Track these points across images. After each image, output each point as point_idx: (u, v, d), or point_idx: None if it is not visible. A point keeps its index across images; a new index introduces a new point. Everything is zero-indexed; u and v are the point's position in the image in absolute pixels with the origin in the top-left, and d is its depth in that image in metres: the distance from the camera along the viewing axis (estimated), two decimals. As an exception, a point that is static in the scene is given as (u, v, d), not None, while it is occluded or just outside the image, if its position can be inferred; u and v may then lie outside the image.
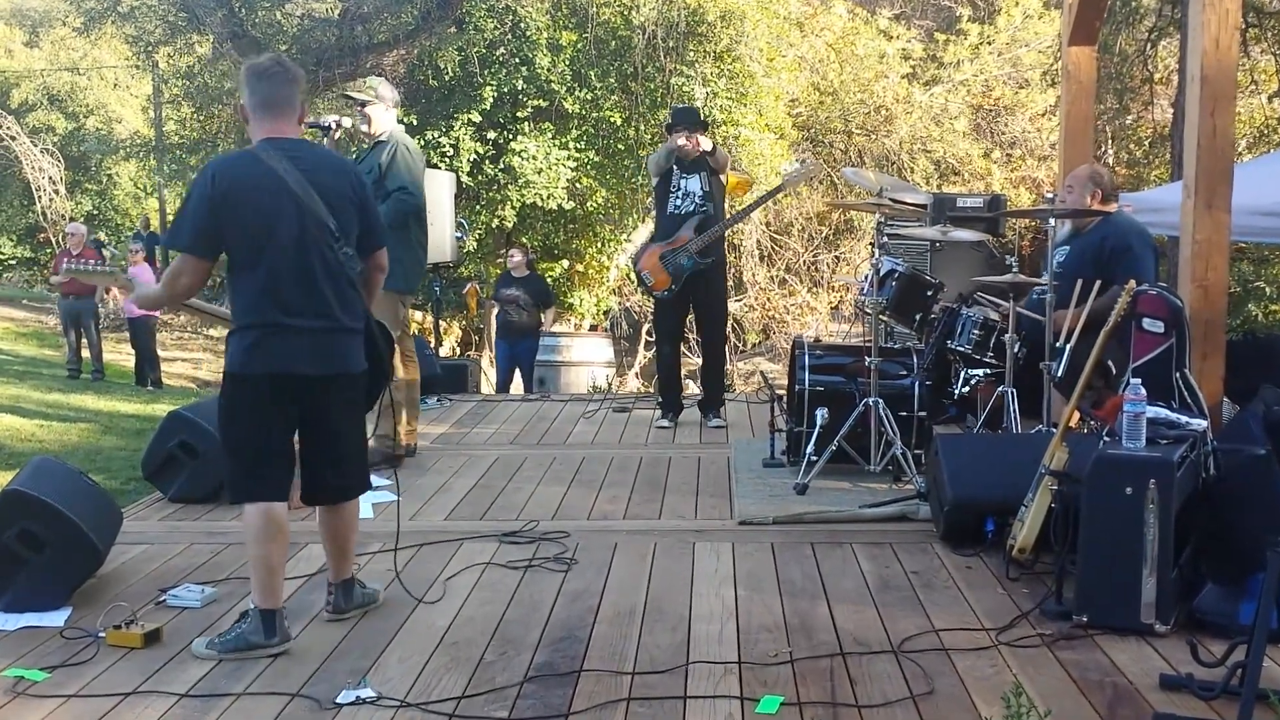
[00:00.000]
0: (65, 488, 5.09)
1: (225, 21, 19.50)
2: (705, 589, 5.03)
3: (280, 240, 4.32)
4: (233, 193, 4.26)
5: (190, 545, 5.80)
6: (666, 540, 5.77)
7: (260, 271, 4.32)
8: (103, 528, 5.10)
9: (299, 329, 4.38)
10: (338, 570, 4.75)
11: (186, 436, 6.52)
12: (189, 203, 4.30)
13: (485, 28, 19.39)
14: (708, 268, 8.52)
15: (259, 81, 4.47)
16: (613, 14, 19.76)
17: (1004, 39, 25.14)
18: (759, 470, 7.16)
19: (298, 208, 4.36)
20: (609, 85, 19.57)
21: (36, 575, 4.80)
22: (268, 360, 4.36)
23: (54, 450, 10.54)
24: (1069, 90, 7.56)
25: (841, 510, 6.12)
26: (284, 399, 4.43)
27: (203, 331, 21.29)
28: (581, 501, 6.60)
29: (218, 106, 19.56)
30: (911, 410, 6.74)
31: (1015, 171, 25.47)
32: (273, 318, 4.34)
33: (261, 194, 4.30)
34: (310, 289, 4.39)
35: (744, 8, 19.80)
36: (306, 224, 4.38)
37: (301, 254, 4.37)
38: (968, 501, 5.46)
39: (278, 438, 4.49)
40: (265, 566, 4.43)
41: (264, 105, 4.45)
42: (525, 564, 5.41)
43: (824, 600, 4.88)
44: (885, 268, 6.61)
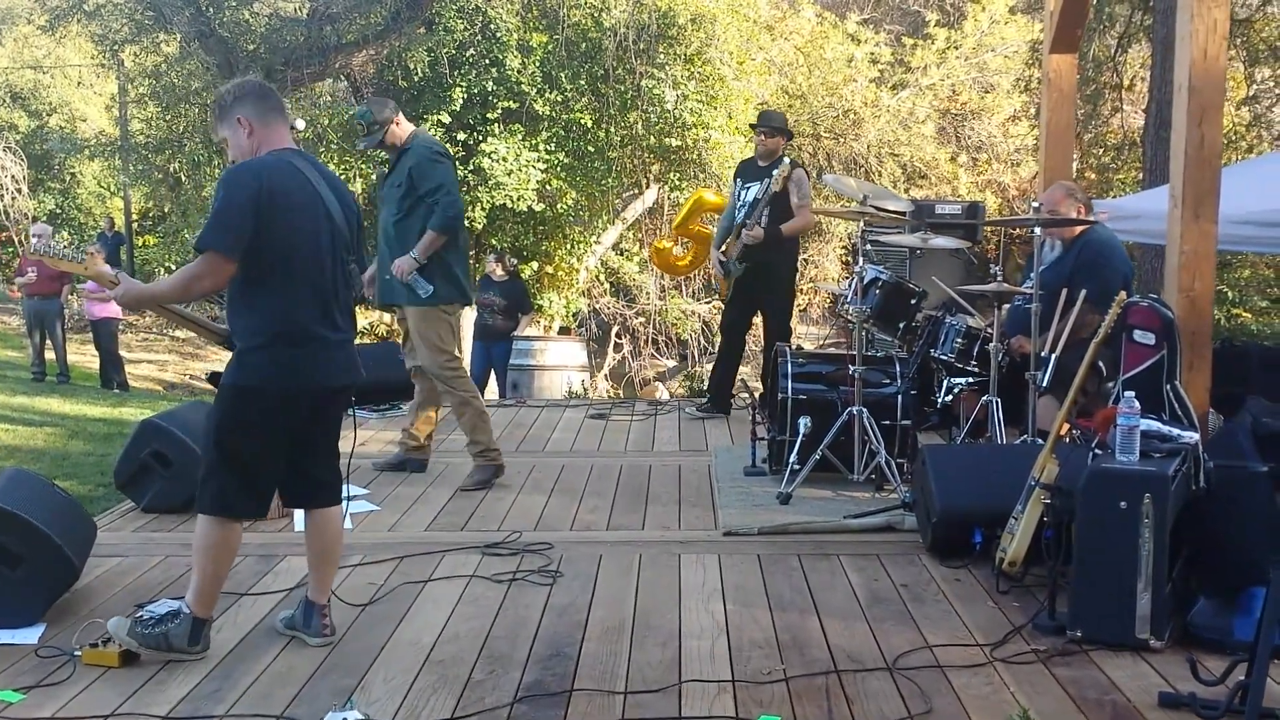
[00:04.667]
0: (39, 501, 4.97)
1: (193, 20, 19.27)
2: (694, 603, 4.97)
3: (312, 250, 4.27)
4: (278, 198, 4.17)
5: (166, 558, 5.68)
6: (651, 551, 5.70)
7: (289, 282, 4.23)
8: (77, 541, 4.99)
9: (326, 340, 4.33)
10: (325, 588, 4.64)
11: (160, 446, 6.41)
12: (232, 203, 4.12)
13: (455, 28, 19.28)
14: (755, 270, 8.60)
15: (262, 97, 4.40)
16: (583, 16, 19.68)
17: (971, 44, 25.17)
18: (740, 479, 7.10)
19: (329, 219, 4.34)
20: (579, 87, 19.51)
21: (9, 591, 4.68)
22: (294, 374, 4.28)
23: (21, 455, 10.38)
24: (1050, 98, 7.54)
25: (827, 521, 6.07)
26: (298, 412, 4.35)
27: (168, 333, 21.07)
28: (563, 511, 6.53)
29: (184, 106, 19.34)
30: (894, 419, 6.69)
31: (982, 175, 25.54)
32: (304, 329, 4.26)
33: (301, 202, 4.25)
34: (335, 300, 4.37)
35: (714, 10, 19.75)
36: (335, 235, 4.37)
37: (331, 265, 4.35)
38: (956, 513, 5.42)
39: (281, 454, 4.40)
40: (214, 578, 4.39)
41: (269, 118, 4.34)
42: (510, 577, 5.32)
43: (814, 614, 4.82)
44: (869, 275, 6.56)
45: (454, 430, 8.56)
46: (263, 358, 4.24)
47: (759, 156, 8.82)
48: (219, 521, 4.35)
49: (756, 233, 8.41)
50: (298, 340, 4.26)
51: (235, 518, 4.39)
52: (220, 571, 4.41)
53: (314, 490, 4.62)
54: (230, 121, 4.35)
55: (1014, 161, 25.46)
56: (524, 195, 18.53)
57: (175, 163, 19.35)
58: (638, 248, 22.17)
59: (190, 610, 4.37)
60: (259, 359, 4.24)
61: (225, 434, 4.31)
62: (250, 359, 4.25)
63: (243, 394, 4.27)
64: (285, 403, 4.32)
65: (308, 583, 4.68)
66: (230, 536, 4.39)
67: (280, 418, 4.33)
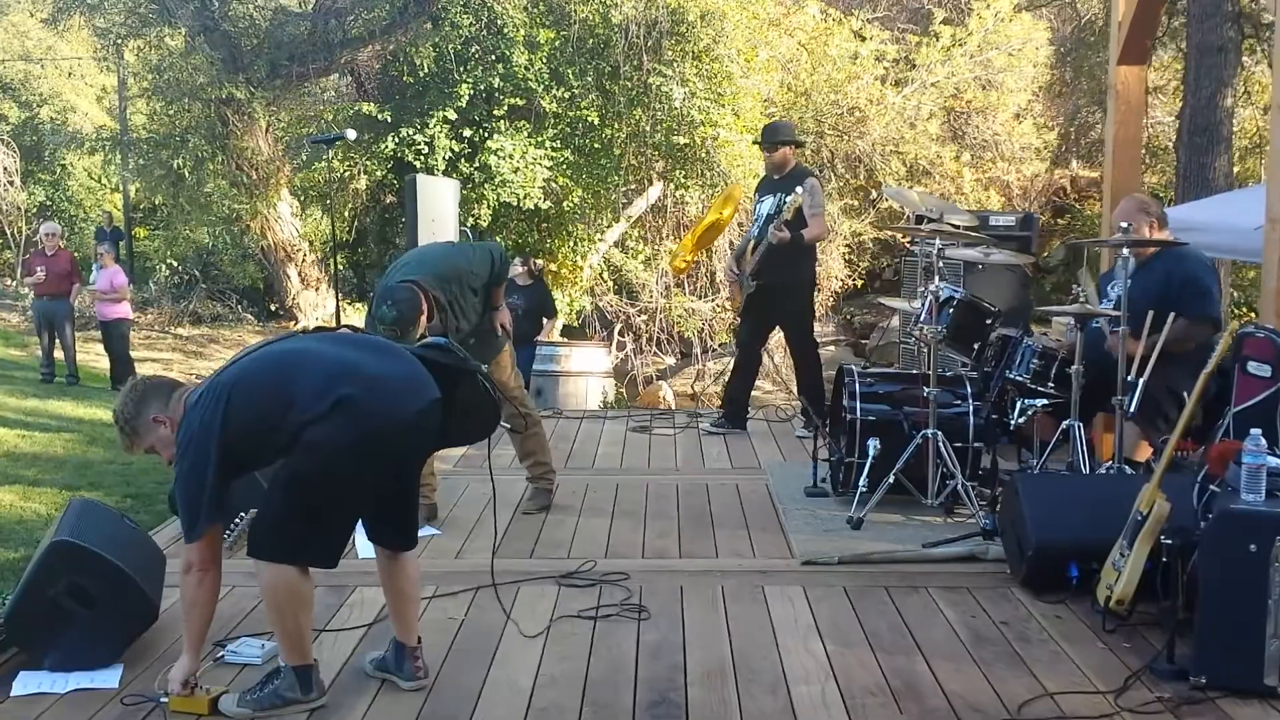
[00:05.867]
0: (111, 535, 4.78)
1: (197, 15, 19.07)
2: (791, 642, 4.80)
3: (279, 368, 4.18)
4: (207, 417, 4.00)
5: (233, 588, 5.48)
6: (732, 583, 5.53)
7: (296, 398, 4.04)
8: (153, 578, 4.81)
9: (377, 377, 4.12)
10: (412, 629, 4.45)
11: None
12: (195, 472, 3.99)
13: (462, 24, 19.10)
14: (769, 290, 8.58)
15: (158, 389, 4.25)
16: (591, 11, 19.47)
17: (976, 41, 25.02)
18: (803, 500, 6.94)
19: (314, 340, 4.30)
20: (586, 84, 19.32)
21: (86, 633, 4.49)
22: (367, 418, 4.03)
23: (42, 463, 10.17)
24: (1118, 111, 7.37)
25: (908, 550, 5.90)
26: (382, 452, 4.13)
27: (171, 331, 20.81)
28: (630, 536, 6.35)
29: (188, 101, 19.09)
30: (966, 441, 6.52)
31: (986, 173, 25.41)
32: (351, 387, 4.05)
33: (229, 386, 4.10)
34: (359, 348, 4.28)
35: (724, 7, 19.57)
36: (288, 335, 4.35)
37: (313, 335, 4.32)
38: (1052, 546, 5.26)
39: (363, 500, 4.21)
40: (298, 630, 4.18)
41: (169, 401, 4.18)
42: (594, 611, 5.15)
43: (920, 656, 4.65)
44: (945, 294, 6.39)
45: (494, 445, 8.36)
46: (331, 428, 3.97)
47: (770, 170, 8.73)
48: (285, 570, 4.11)
49: (784, 234, 8.31)
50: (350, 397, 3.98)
51: (300, 564, 4.15)
52: (303, 621, 4.19)
53: (394, 533, 4.43)
54: (147, 429, 4.15)
55: (1019, 160, 25.34)
56: (530, 193, 18.35)
57: (180, 158, 19.09)
58: (642, 245, 21.99)
59: (288, 665, 4.18)
60: (329, 430, 3.97)
61: (306, 487, 4.05)
62: (321, 432, 3.97)
63: (324, 450, 4.00)
64: (365, 454, 4.06)
65: (392, 624, 4.49)
66: (305, 586, 4.15)
67: (362, 468, 4.08)
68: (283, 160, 20.63)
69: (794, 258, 8.42)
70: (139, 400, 4.16)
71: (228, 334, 20.99)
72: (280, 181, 20.26)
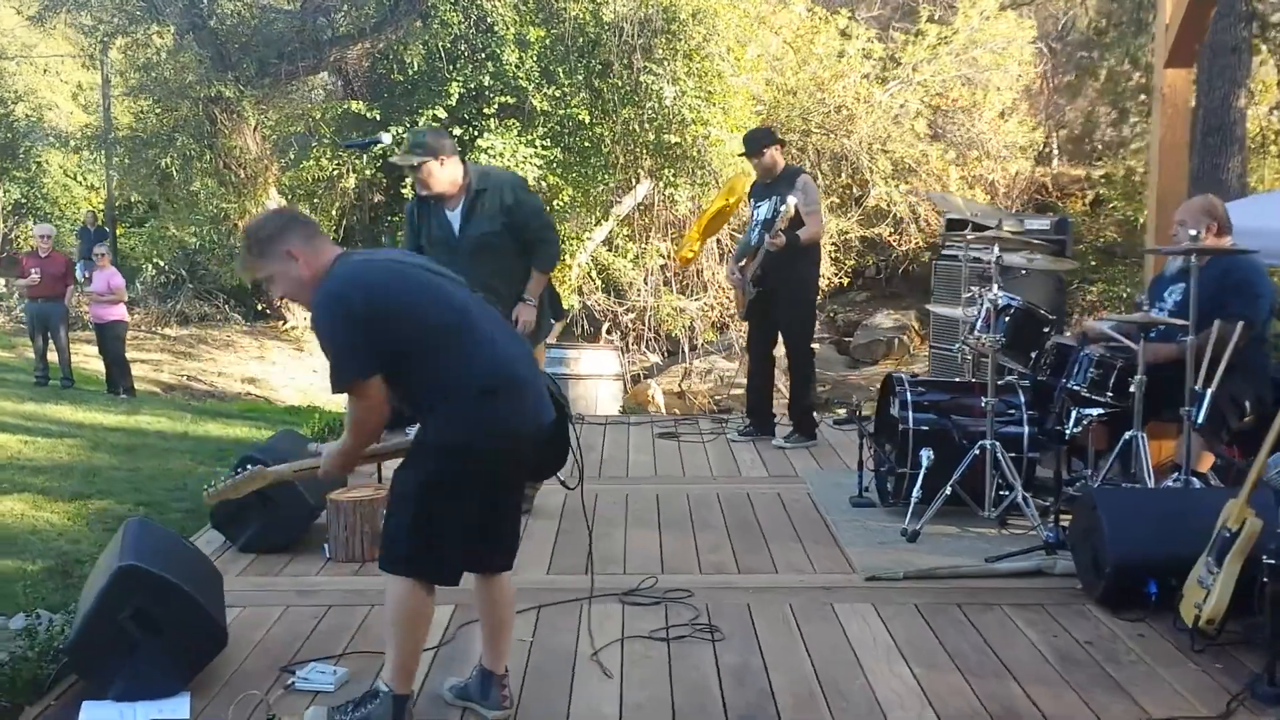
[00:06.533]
0: (174, 556, 4.61)
1: (185, 12, 18.80)
2: (875, 664, 4.67)
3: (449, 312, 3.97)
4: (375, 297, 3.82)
5: (287, 608, 5.32)
6: (799, 600, 5.40)
7: (451, 353, 3.91)
8: (216, 601, 4.63)
9: (523, 383, 4.04)
10: (502, 656, 4.30)
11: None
12: (336, 334, 3.79)
13: (451, 21, 18.93)
14: (771, 292, 8.48)
15: (304, 223, 4.04)
16: (581, 10, 19.31)
17: (961, 40, 24.99)
18: (850, 511, 6.82)
19: (439, 275, 4.09)
20: (576, 82, 19.17)
21: (152, 660, 4.31)
22: (500, 426, 3.96)
23: (50, 472, 9.95)
24: (1164, 114, 7.26)
25: (972, 565, 5.78)
26: (501, 466, 4.05)
27: (159, 332, 20.53)
28: (682, 549, 6.21)
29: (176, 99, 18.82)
30: (1021, 451, 6.41)
31: (971, 172, 25.39)
32: (494, 381, 3.94)
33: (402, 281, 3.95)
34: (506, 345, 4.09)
35: (716, 5, 19.45)
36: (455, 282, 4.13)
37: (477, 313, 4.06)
38: (1132, 563, 5.14)
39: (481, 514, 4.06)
40: (414, 651, 4.07)
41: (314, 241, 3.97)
42: (665, 632, 5.00)
43: (1011, 679, 4.53)
44: (1003, 301, 6.26)
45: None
46: (468, 416, 3.89)
47: (761, 175, 8.63)
48: (410, 586, 3.99)
49: (779, 240, 8.21)
50: (497, 392, 3.92)
51: (435, 583, 4.03)
52: (420, 641, 4.10)
53: (494, 554, 4.27)
54: (276, 255, 3.94)
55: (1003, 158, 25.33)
56: (519, 191, 18.15)
57: (167, 157, 18.83)
58: (629, 244, 21.85)
59: (390, 688, 4.03)
60: (465, 418, 3.89)
61: (437, 494, 3.93)
62: (456, 418, 3.89)
63: (452, 453, 3.91)
64: (496, 458, 3.98)
65: (483, 649, 4.33)
66: (428, 604, 4.04)
67: (489, 475, 4.00)
68: (270, 159, 20.39)
69: (793, 259, 8.31)
70: (282, 225, 3.98)
71: (216, 334, 20.72)
72: (268, 180, 20.02)
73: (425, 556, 3.96)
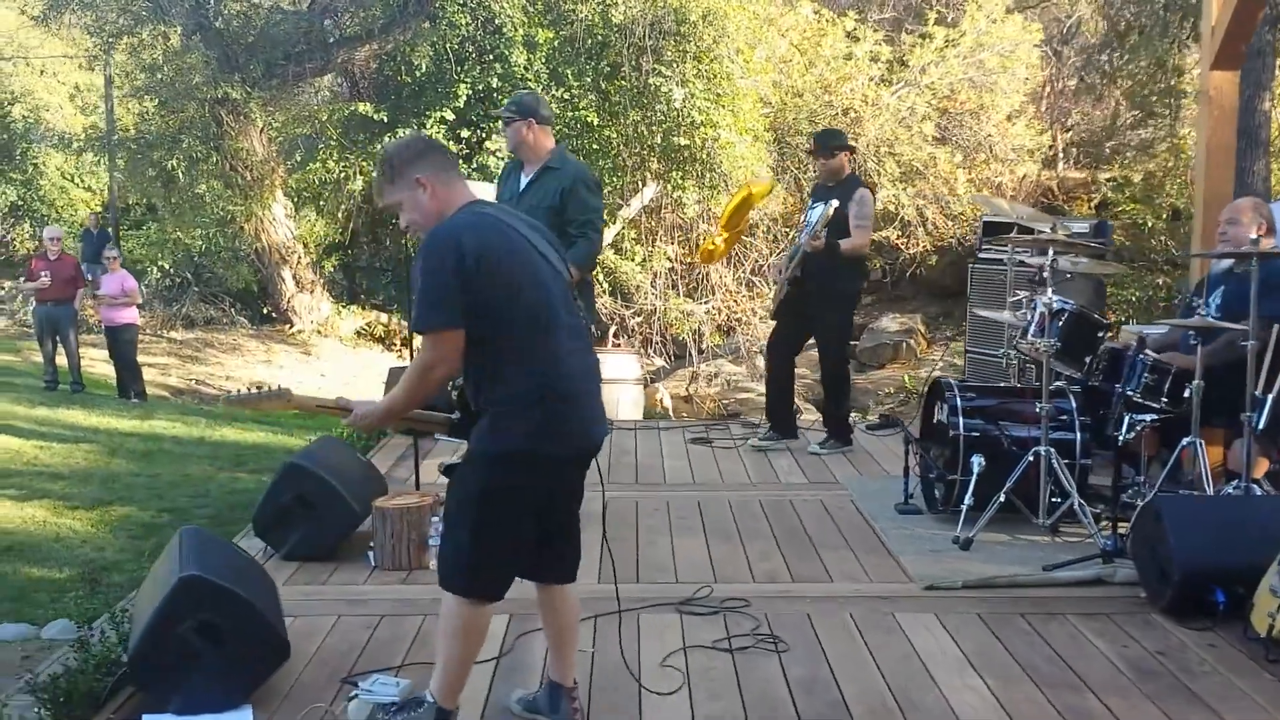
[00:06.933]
0: (232, 566, 4.51)
1: (192, 13, 18.68)
2: (946, 676, 4.58)
3: (543, 300, 3.83)
4: (485, 255, 3.70)
5: (339, 618, 5.22)
6: (859, 610, 5.31)
7: (530, 340, 3.81)
8: (275, 610, 4.52)
9: (586, 393, 3.97)
10: (569, 668, 4.20)
11: (304, 489, 5.93)
12: (435, 275, 3.67)
13: (459, 23, 18.83)
14: (805, 291, 8.43)
15: (442, 153, 3.95)
16: (590, 11, 19.22)
17: (969, 42, 24.91)
18: (896, 518, 6.73)
19: (547, 262, 3.92)
20: (585, 85, 19.08)
21: (216, 672, 4.20)
22: (560, 435, 3.86)
23: (69, 478, 9.84)
24: (1210, 116, 7.19)
25: (1031, 574, 5.68)
26: (560, 477, 3.99)
27: (164, 335, 20.40)
28: (731, 557, 6.11)
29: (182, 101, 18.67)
30: (1073, 458, 6.32)
31: (979, 174, 25.31)
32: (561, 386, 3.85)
33: (513, 252, 3.81)
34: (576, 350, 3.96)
35: (726, 8, 19.38)
36: (556, 280, 3.95)
37: (565, 314, 3.92)
38: (1200, 572, 5.05)
39: (536, 526, 3.96)
40: (464, 664, 3.98)
41: (449, 176, 3.89)
42: (727, 643, 4.91)
43: (1088, 691, 4.44)
44: (1057, 306, 6.18)
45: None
46: (536, 418, 3.78)
47: (825, 177, 8.53)
48: (463, 603, 3.90)
49: (818, 242, 8.16)
50: (568, 395, 3.84)
51: (477, 599, 3.92)
52: (471, 656, 3.99)
53: (556, 564, 4.17)
54: (407, 182, 3.84)
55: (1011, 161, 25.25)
56: (528, 193, 18.06)
57: (174, 158, 18.69)
58: (637, 247, 21.76)
59: (435, 699, 3.93)
60: (531, 421, 3.78)
61: (489, 505, 3.83)
62: (520, 422, 3.79)
63: (507, 461, 3.81)
64: (558, 466, 3.91)
65: (550, 662, 4.23)
66: (482, 617, 3.94)
67: (544, 484, 3.91)
68: (277, 161, 20.28)
69: (834, 267, 8.21)
70: (418, 153, 3.88)
71: (222, 337, 20.58)
72: (274, 183, 19.90)
73: (482, 573, 3.88)
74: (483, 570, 3.88)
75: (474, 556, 3.87)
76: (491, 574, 3.91)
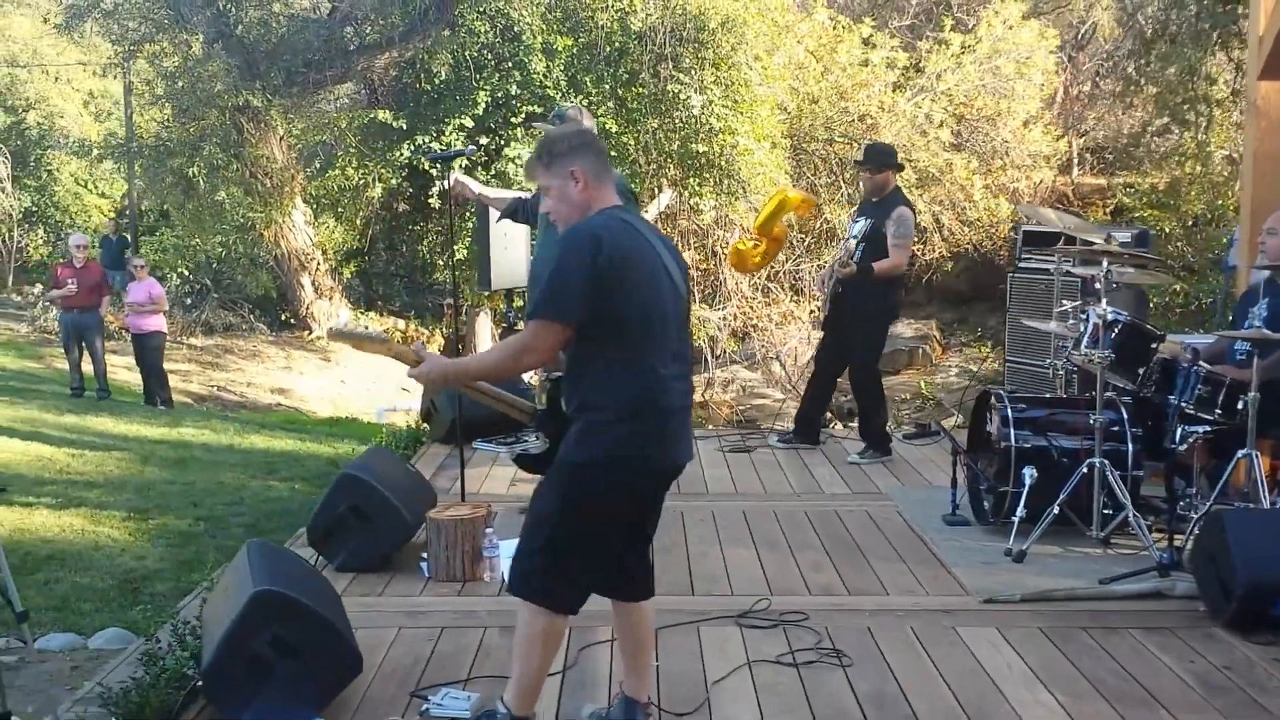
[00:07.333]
0: (301, 579, 4.50)
1: (213, 21, 18.69)
2: (1016, 692, 4.56)
3: (660, 313, 3.87)
4: (619, 261, 3.74)
5: (399, 630, 5.21)
6: (919, 623, 5.30)
7: (642, 350, 3.82)
8: (344, 623, 4.50)
9: (682, 410, 3.98)
10: (646, 683, 4.20)
11: (358, 499, 5.91)
12: (570, 268, 3.71)
13: (479, 30, 18.82)
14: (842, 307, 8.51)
15: (598, 152, 3.96)
16: (609, 19, 19.23)
17: (985, 48, 24.90)
18: (944, 529, 6.72)
19: (669, 277, 3.95)
20: (604, 92, 19.08)
21: (288, 685, 4.19)
22: (655, 449, 3.89)
23: (104, 486, 9.84)
24: (1258, 126, 7.17)
25: (1090, 587, 5.67)
26: (648, 491, 4.02)
27: (184, 342, 20.41)
28: (784, 569, 6.10)
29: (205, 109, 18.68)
30: (1125, 469, 6.30)
31: (995, 180, 25.28)
32: (664, 399, 3.87)
33: (643, 263, 3.84)
34: (684, 366, 4.02)
35: (745, 15, 19.38)
36: (677, 296, 3.99)
37: (677, 328, 3.97)
38: (1263, 585, 5.04)
39: (621, 539, 3.96)
40: (539, 673, 3.98)
41: (602, 175, 3.91)
42: (791, 657, 4.90)
43: (1160, 707, 4.43)
44: (1111, 316, 6.16)
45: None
46: (623, 431, 3.79)
47: (870, 192, 8.51)
48: (542, 613, 3.90)
49: (849, 269, 8.22)
50: (659, 412, 3.84)
51: (558, 610, 3.93)
52: (546, 666, 3.99)
53: (632, 580, 4.17)
54: (561, 171, 3.86)
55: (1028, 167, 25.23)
56: (546, 200, 18.05)
57: (195, 165, 18.70)
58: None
59: (508, 709, 3.93)
60: (619, 432, 3.79)
61: (572, 515, 3.85)
62: (609, 432, 3.79)
63: (600, 470, 3.82)
64: (643, 480, 3.92)
65: (626, 677, 4.22)
66: (558, 626, 3.95)
67: (634, 498, 3.93)
68: (296, 168, 20.29)
69: (869, 286, 8.22)
70: (577, 145, 3.92)
71: (242, 344, 20.61)
72: (294, 189, 19.92)
73: (559, 582, 3.89)
74: (564, 580, 3.89)
75: (556, 566, 3.87)
76: (572, 585, 3.91)
